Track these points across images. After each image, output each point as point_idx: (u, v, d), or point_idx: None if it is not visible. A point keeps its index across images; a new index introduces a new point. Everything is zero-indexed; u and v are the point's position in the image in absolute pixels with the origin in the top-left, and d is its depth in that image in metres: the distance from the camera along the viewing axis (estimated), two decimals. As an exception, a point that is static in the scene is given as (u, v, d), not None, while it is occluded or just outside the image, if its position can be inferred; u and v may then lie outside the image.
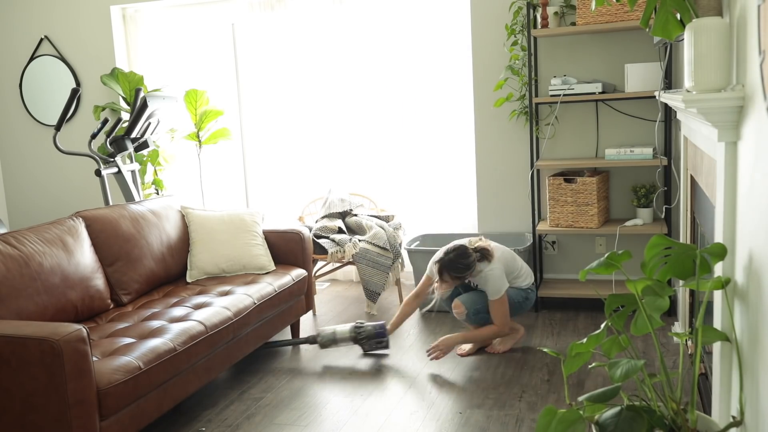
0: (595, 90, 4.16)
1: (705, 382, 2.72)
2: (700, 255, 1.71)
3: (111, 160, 4.52)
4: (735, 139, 1.79)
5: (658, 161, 4.09)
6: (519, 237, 4.69)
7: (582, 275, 1.81)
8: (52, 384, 2.39)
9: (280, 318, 3.80)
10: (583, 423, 1.63)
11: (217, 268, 3.88)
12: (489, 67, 4.65)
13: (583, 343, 1.83)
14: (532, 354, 3.74)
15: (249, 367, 3.76)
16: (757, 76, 1.50)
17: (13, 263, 2.94)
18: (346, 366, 3.71)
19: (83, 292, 3.23)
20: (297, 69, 5.29)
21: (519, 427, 2.94)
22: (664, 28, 1.90)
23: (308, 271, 4.10)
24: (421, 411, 3.14)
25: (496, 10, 4.58)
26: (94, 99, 5.60)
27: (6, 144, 5.94)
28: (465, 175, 4.98)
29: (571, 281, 4.60)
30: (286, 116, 5.39)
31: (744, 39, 1.67)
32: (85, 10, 5.53)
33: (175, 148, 5.55)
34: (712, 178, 2.32)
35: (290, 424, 3.07)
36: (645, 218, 4.29)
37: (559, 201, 4.29)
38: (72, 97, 4.33)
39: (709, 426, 1.69)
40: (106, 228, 3.51)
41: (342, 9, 5.04)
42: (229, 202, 5.61)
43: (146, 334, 2.99)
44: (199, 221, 4.00)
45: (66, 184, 5.84)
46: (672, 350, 3.63)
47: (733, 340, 1.76)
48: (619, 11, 4.05)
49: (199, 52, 5.49)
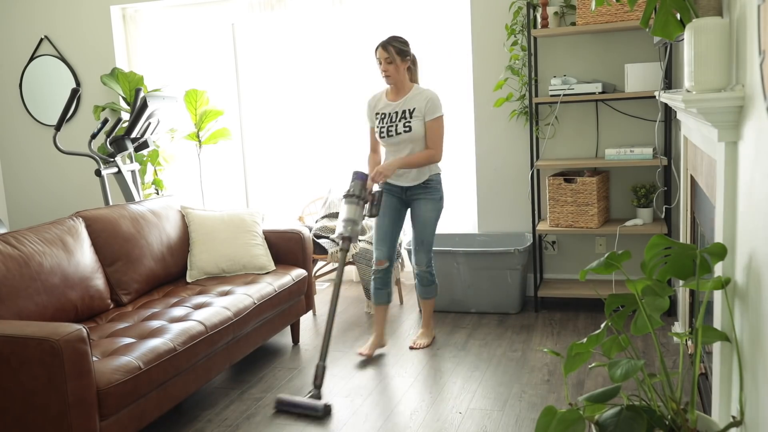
0: (595, 90, 4.16)
1: (705, 382, 2.72)
2: (700, 255, 1.71)
3: (111, 160, 4.52)
4: (735, 139, 1.79)
5: (658, 161, 4.09)
6: (519, 237, 4.69)
7: (582, 275, 1.81)
8: (52, 384, 2.39)
9: (280, 318, 3.80)
10: (583, 423, 1.63)
11: (217, 268, 3.88)
12: (489, 67, 4.65)
13: (583, 343, 1.83)
14: (532, 354, 3.74)
15: (249, 367, 3.76)
16: (757, 76, 1.50)
17: (13, 263, 2.94)
18: (346, 366, 3.71)
19: (83, 292, 3.23)
20: (297, 69, 5.29)
21: (519, 427, 2.94)
22: (664, 28, 1.90)
23: (308, 271, 4.10)
24: (421, 411, 3.14)
25: (496, 10, 4.58)
26: (94, 99, 5.60)
27: (6, 144, 5.94)
28: (465, 175, 4.98)
29: (571, 281, 4.60)
30: (286, 116, 5.39)
31: (744, 39, 1.67)
32: (85, 10, 5.53)
33: (175, 148, 5.55)
34: (712, 178, 2.32)
35: (290, 424, 3.07)
36: (645, 218, 4.29)
37: (559, 201, 4.29)
38: (72, 97, 4.33)
39: (709, 426, 1.69)
40: (106, 228, 3.51)
41: (342, 9, 5.04)
42: (229, 202, 5.61)
43: (146, 334, 2.99)
44: (199, 221, 4.00)
45: (66, 184, 5.84)
46: (672, 350, 3.63)
47: (733, 340, 1.76)
48: (619, 11, 4.05)
49: (199, 52, 5.48)
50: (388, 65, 3.66)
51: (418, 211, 3.81)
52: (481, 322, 4.31)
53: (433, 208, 3.80)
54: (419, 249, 3.85)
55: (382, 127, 3.75)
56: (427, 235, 3.82)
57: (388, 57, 3.65)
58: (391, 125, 3.72)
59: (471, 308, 4.48)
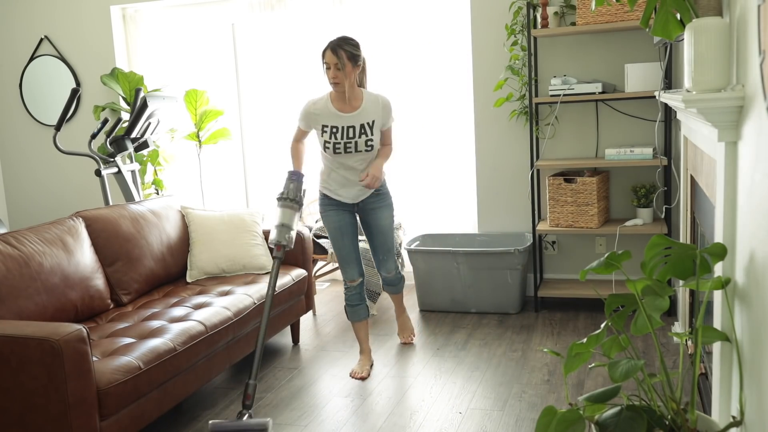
0: (595, 90, 4.16)
1: (705, 382, 2.72)
2: (700, 255, 1.71)
3: (111, 160, 4.52)
4: (735, 139, 1.78)
5: (658, 161, 4.09)
6: (519, 237, 4.69)
7: (582, 275, 1.81)
8: (52, 384, 2.39)
9: (280, 318, 3.80)
10: (583, 423, 1.63)
11: (217, 268, 3.88)
12: (489, 67, 4.65)
13: (583, 343, 1.83)
14: (532, 354, 3.74)
15: (249, 367, 3.76)
16: (757, 76, 1.50)
17: (13, 263, 2.94)
18: (346, 366, 3.71)
19: (83, 292, 3.23)
20: (297, 69, 5.29)
21: (519, 427, 2.94)
22: (664, 28, 1.90)
23: (308, 271, 4.10)
24: (421, 411, 3.14)
25: (496, 10, 4.58)
26: (94, 99, 5.60)
27: (6, 144, 5.94)
28: (465, 175, 4.98)
29: (571, 281, 4.60)
30: (286, 116, 5.39)
31: (744, 39, 1.67)
32: (85, 10, 5.53)
33: (175, 148, 5.55)
34: (712, 178, 2.32)
35: (290, 424, 3.07)
36: (645, 218, 4.29)
37: (559, 201, 4.29)
38: (72, 97, 4.33)
39: (709, 426, 1.69)
40: (106, 228, 3.51)
41: (342, 9, 5.04)
42: (229, 202, 5.61)
43: (146, 334, 2.99)
44: (199, 221, 4.00)
45: (66, 184, 5.84)
46: (672, 350, 3.63)
47: (733, 340, 1.76)
48: (619, 11, 4.05)
49: (199, 52, 5.48)
50: (338, 71, 3.28)
51: (376, 221, 3.59)
52: (481, 322, 4.31)
53: (389, 215, 3.62)
54: (387, 258, 3.68)
55: (336, 142, 3.37)
56: (390, 242, 3.66)
57: (338, 63, 3.27)
58: (349, 141, 3.38)
59: (471, 308, 4.48)
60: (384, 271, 3.75)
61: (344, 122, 3.38)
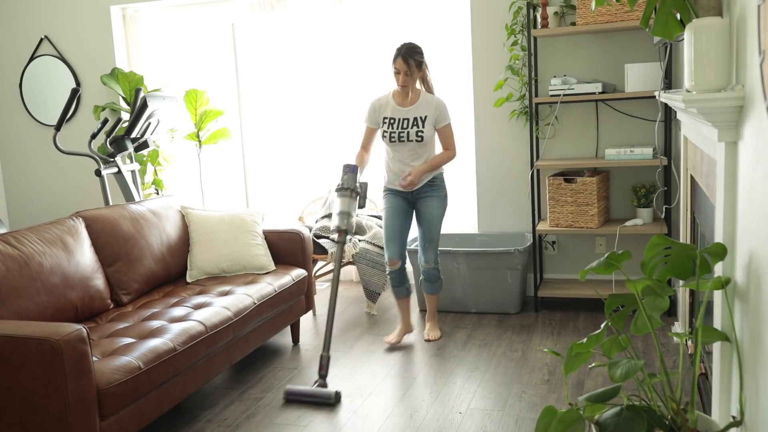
0: (595, 90, 4.16)
1: (705, 382, 2.72)
2: (700, 255, 1.71)
3: (111, 160, 4.52)
4: (735, 139, 1.78)
5: (658, 161, 4.09)
6: (519, 237, 4.69)
7: (582, 275, 1.81)
8: (52, 384, 2.39)
9: (280, 318, 3.80)
10: (583, 423, 1.63)
11: (217, 268, 3.88)
12: (489, 67, 4.65)
13: (583, 343, 1.83)
14: (532, 354, 3.74)
15: (249, 367, 3.76)
16: (757, 76, 1.50)
17: (13, 263, 2.94)
18: (346, 366, 3.71)
19: (83, 292, 3.23)
20: (297, 69, 5.29)
21: (519, 427, 2.94)
22: (664, 28, 1.90)
23: (308, 271, 4.10)
24: (421, 411, 3.14)
25: (496, 10, 4.58)
26: (94, 99, 5.60)
27: (6, 144, 5.94)
28: (465, 175, 4.98)
29: (571, 281, 4.60)
30: (286, 116, 5.39)
31: (744, 39, 1.67)
32: (85, 10, 5.53)
33: (175, 148, 5.55)
34: (712, 178, 2.32)
35: (290, 424, 3.07)
36: (645, 218, 4.29)
37: (559, 201, 4.29)
38: (72, 97, 4.33)
39: (709, 426, 1.69)
40: (106, 228, 3.51)
41: (342, 9, 5.04)
42: (229, 202, 5.61)
43: (146, 334, 2.99)
44: (199, 221, 4.00)
45: (66, 184, 5.84)
46: (672, 350, 3.63)
47: (733, 340, 1.76)
48: (619, 11, 4.05)
49: (199, 52, 5.48)
50: (406, 77, 3.76)
51: (425, 209, 3.90)
52: (481, 322, 4.31)
53: (440, 206, 3.91)
54: (428, 247, 3.93)
55: (392, 132, 3.83)
56: (435, 232, 3.92)
57: (408, 70, 3.75)
58: (402, 131, 3.82)
59: (471, 308, 4.48)
60: (424, 260, 3.96)
61: (401, 114, 3.84)
